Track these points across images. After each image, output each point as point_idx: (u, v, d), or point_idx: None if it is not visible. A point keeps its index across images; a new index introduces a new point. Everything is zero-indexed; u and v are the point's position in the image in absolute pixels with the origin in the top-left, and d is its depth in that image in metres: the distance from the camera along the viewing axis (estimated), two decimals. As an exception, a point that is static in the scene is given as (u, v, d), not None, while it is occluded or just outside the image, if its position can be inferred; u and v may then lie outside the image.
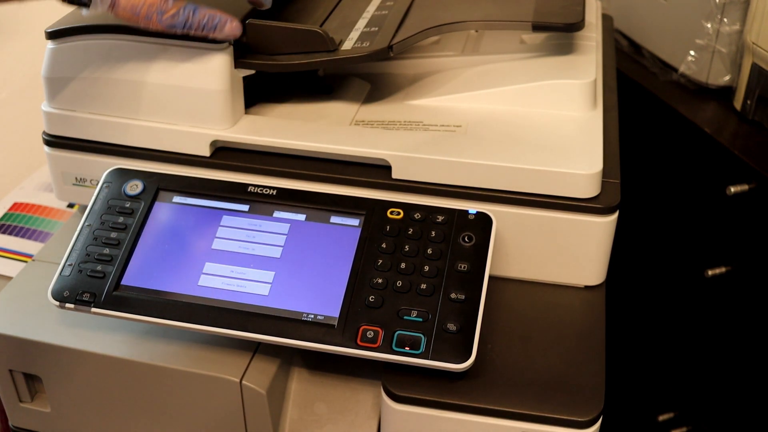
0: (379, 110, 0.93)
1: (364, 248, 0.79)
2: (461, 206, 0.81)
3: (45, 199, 1.16)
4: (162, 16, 0.75)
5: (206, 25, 0.78)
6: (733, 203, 1.10)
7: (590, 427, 0.73)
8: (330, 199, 0.82)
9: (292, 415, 0.83)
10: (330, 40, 0.86)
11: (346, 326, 0.74)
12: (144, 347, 0.82)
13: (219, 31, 0.79)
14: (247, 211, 0.82)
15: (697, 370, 1.27)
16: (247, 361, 0.80)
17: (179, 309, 0.77)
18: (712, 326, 1.21)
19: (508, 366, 0.77)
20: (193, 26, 0.77)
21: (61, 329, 0.83)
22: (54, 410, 0.88)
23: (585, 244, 0.82)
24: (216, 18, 0.79)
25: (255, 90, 0.93)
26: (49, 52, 0.87)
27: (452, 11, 0.91)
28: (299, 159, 0.86)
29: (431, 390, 0.74)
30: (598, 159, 0.81)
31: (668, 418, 1.34)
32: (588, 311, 0.84)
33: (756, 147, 1.09)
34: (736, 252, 1.13)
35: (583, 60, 0.93)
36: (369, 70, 1.00)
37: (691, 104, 1.20)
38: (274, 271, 0.79)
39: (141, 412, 0.85)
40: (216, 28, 0.78)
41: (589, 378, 0.76)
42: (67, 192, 0.95)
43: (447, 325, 0.74)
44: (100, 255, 0.80)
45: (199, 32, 0.77)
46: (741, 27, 1.13)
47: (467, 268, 0.77)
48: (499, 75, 0.93)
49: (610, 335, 0.84)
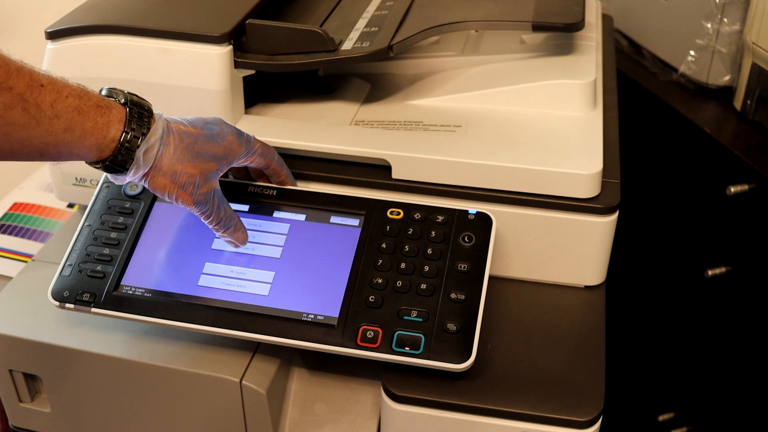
0: (379, 110, 0.93)
1: (364, 248, 0.79)
2: (461, 206, 0.81)
3: (45, 199, 1.16)
4: (197, 190, 0.73)
5: (223, 221, 0.77)
6: (733, 203, 1.09)
7: (590, 427, 0.73)
8: (330, 199, 0.82)
9: (292, 415, 0.83)
10: (330, 40, 0.86)
11: (346, 326, 0.74)
12: (144, 347, 0.82)
13: (231, 233, 0.78)
14: (247, 211, 0.82)
15: (697, 370, 1.27)
16: (247, 361, 0.80)
17: (179, 309, 0.77)
18: (712, 326, 1.21)
19: (508, 366, 0.77)
20: (213, 215, 0.76)
21: (61, 329, 0.83)
22: (54, 410, 0.88)
23: (585, 244, 0.82)
24: (233, 220, 0.78)
25: (255, 90, 0.93)
26: (49, 52, 0.87)
27: (452, 11, 0.91)
28: (299, 159, 0.86)
29: (431, 390, 0.74)
30: (598, 159, 0.81)
31: (668, 418, 1.34)
32: (588, 311, 0.84)
33: (756, 147, 1.09)
34: (736, 252, 1.13)
35: (583, 60, 0.93)
36: (369, 70, 1.00)
37: (691, 104, 1.20)
38: (274, 271, 0.79)
39: (141, 412, 0.85)
40: (230, 229, 0.78)
41: (589, 378, 0.76)
42: (67, 192, 0.95)
43: (447, 325, 0.74)
44: (100, 255, 0.80)
45: (214, 223, 0.76)
46: (741, 27, 1.13)
47: (467, 268, 0.77)
48: (499, 75, 0.93)
49: (610, 335, 0.84)
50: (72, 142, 0.67)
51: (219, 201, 0.76)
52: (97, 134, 0.68)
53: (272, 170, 0.82)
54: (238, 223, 0.79)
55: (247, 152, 0.78)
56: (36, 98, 0.63)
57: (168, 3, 0.90)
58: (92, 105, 0.68)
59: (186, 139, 0.73)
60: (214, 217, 0.76)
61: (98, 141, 0.68)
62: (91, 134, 0.67)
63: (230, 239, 0.79)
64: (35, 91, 0.64)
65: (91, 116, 0.67)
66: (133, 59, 0.85)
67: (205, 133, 0.75)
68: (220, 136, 0.76)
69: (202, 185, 0.74)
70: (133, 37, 0.84)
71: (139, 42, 0.84)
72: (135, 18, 0.86)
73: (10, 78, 0.62)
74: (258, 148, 0.79)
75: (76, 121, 0.66)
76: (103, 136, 0.68)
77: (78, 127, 0.66)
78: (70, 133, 0.66)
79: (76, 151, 0.68)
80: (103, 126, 0.68)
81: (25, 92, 0.63)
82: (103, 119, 0.68)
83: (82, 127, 0.67)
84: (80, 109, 0.67)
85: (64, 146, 0.67)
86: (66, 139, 0.66)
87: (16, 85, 0.62)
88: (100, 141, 0.68)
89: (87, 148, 0.68)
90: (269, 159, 0.81)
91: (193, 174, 0.73)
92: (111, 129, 0.69)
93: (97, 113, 0.68)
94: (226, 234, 0.78)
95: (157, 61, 0.84)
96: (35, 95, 0.63)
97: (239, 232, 0.79)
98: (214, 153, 0.75)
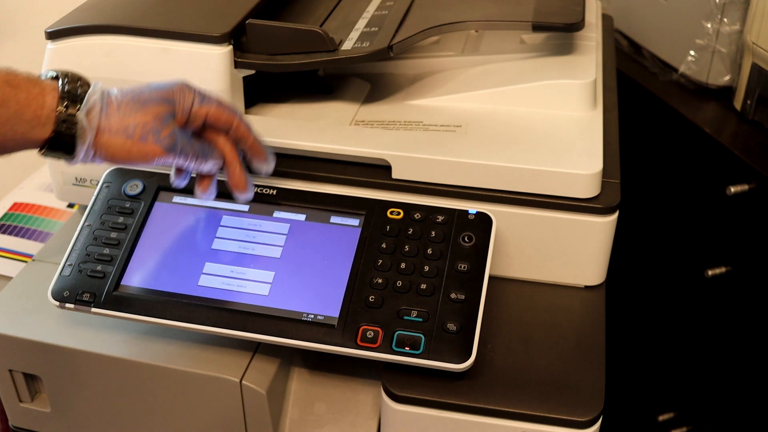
0: (379, 110, 0.93)
1: (364, 248, 0.78)
2: (461, 206, 0.81)
3: (45, 199, 1.16)
4: (158, 135, 0.70)
5: (203, 154, 0.73)
6: (733, 203, 1.09)
7: (590, 427, 0.73)
8: (330, 199, 0.82)
9: (292, 415, 0.83)
10: (330, 40, 0.86)
11: (346, 326, 0.74)
12: (144, 347, 0.82)
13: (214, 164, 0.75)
14: (247, 211, 0.82)
15: (697, 370, 1.27)
16: (247, 361, 0.80)
17: (179, 309, 0.77)
18: (712, 326, 1.21)
19: (508, 366, 0.77)
20: (190, 153, 0.72)
21: (61, 329, 0.83)
22: (54, 410, 0.88)
23: (585, 244, 0.82)
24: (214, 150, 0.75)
25: (255, 90, 0.93)
26: (49, 52, 0.87)
27: (452, 11, 0.91)
28: (299, 159, 0.86)
29: (431, 390, 0.74)
30: (598, 159, 0.81)
31: (668, 418, 1.34)
32: (588, 311, 0.84)
33: (756, 147, 1.09)
34: (736, 252, 1.13)
35: (583, 60, 0.93)
36: (369, 70, 1.00)
37: (691, 104, 1.20)
38: (274, 271, 0.78)
39: (141, 412, 0.85)
40: (211, 160, 0.74)
41: (589, 378, 0.76)
42: (67, 192, 0.95)
43: (447, 325, 0.74)
44: (100, 255, 0.80)
45: (194, 160, 0.73)
46: (741, 27, 1.13)
47: (467, 268, 0.77)
48: (499, 75, 0.93)
49: (610, 335, 0.84)
50: (10, 117, 0.65)
51: (187, 137, 0.72)
52: (34, 104, 0.66)
53: (239, 131, 0.76)
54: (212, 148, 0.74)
55: (202, 99, 0.73)
56: None
57: (168, 3, 0.90)
58: (23, 79, 0.67)
59: (129, 94, 0.71)
60: (192, 155, 0.72)
61: (36, 112, 0.67)
62: (26, 106, 0.66)
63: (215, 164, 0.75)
64: None
65: (23, 88, 0.66)
66: (133, 59, 0.85)
67: (149, 85, 0.72)
68: (166, 84, 0.73)
69: (161, 129, 0.70)
70: (133, 37, 0.84)
71: (139, 42, 0.84)
72: (135, 18, 0.86)
73: None
74: (215, 98, 0.75)
75: (9, 94, 0.65)
76: (40, 105, 0.67)
77: (12, 100, 0.65)
78: (5, 107, 0.65)
79: (18, 128, 0.66)
80: (37, 95, 0.67)
81: None
82: (36, 89, 0.67)
83: (16, 100, 0.66)
84: (10, 82, 0.66)
85: (4, 124, 0.65)
86: (3, 115, 0.65)
87: None
88: (38, 111, 0.67)
89: (27, 122, 0.66)
90: (230, 113, 0.75)
91: (146, 121, 0.69)
92: (46, 97, 0.67)
93: (29, 84, 0.67)
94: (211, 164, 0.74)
95: (157, 61, 0.84)
96: None
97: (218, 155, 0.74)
98: (164, 97, 0.71)
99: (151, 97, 0.71)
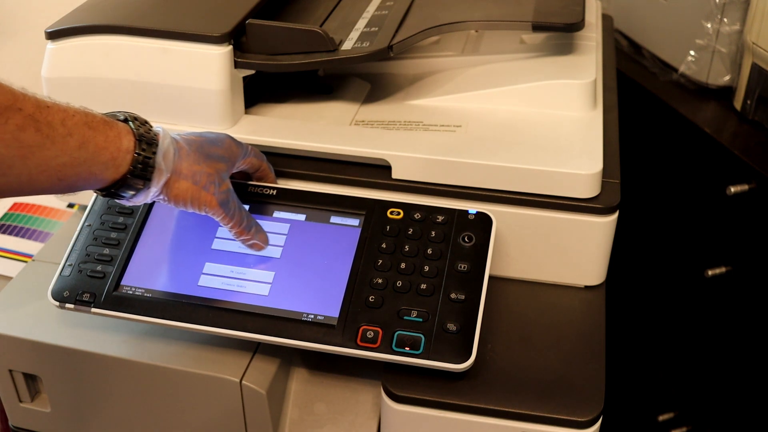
0: (379, 110, 0.93)
1: (364, 248, 0.78)
2: (461, 206, 0.81)
3: (45, 199, 1.16)
4: (218, 188, 0.74)
5: (246, 222, 0.77)
6: (733, 203, 1.09)
7: (590, 427, 0.73)
8: (330, 199, 0.82)
9: (292, 415, 0.83)
10: (330, 40, 0.86)
11: (346, 326, 0.74)
12: (144, 347, 0.82)
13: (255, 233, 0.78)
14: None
15: (697, 370, 1.27)
16: (247, 361, 0.80)
17: (179, 309, 0.77)
18: (712, 326, 1.21)
19: (508, 366, 0.77)
20: (236, 215, 0.76)
21: (61, 329, 0.83)
22: (54, 410, 0.88)
23: (585, 244, 0.82)
24: (253, 220, 0.79)
25: (255, 90, 0.93)
26: (49, 52, 0.87)
27: (452, 11, 0.91)
28: (299, 159, 0.86)
29: (431, 390, 0.74)
30: (598, 159, 0.81)
31: (668, 418, 1.34)
32: (588, 311, 0.84)
33: (756, 147, 1.09)
34: (736, 252, 1.13)
35: (583, 60, 0.93)
36: (369, 70, 1.00)
37: (691, 104, 1.20)
38: (274, 271, 0.78)
39: (141, 412, 0.85)
40: (252, 229, 0.78)
41: (589, 378, 0.76)
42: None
43: (447, 325, 0.74)
44: (100, 255, 0.80)
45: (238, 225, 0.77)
46: (741, 27, 1.13)
47: (467, 268, 0.77)
48: (499, 75, 0.93)
49: (610, 335, 0.84)
50: (88, 159, 0.66)
51: (237, 201, 0.77)
52: (111, 147, 0.67)
53: (262, 172, 0.83)
54: (257, 223, 0.79)
55: (245, 154, 0.80)
56: (46, 117, 0.63)
57: (168, 3, 0.90)
58: (99, 121, 0.68)
59: (193, 144, 0.74)
60: (237, 217, 0.76)
61: (113, 154, 0.68)
62: (104, 148, 0.67)
63: (254, 241, 0.79)
64: (44, 111, 0.63)
65: (101, 130, 0.67)
66: (133, 59, 0.85)
67: (206, 138, 0.76)
68: (219, 139, 0.77)
69: (221, 184, 0.75)
70: (133, 37, 0.84)
71: (139, 42, 0.84)
72: (135, 18, 0.86)
73: (17, 100, 0.62)
74: (251, 150, 0.81)
75: (88, 136, 0.66)
76: (117, 148, 0.68)
77: (91, 142, 0.66)
78: (85, 149, 0.66)
79: (93, 170, 0.67)
80: (114, 138, 0.68)
81: (35, 113, 0.63)
82: (113, 132, 0.68)
83: (95, 142, 0.66)
84: (89, 124, 0.66)
85: (81, 165, 0.66)
86: (81, 157, 0.66)
87: (25, 107, 0.62)
88: (115, 154, 0.68)
89: (103, 164, 0.67)
90: (261, 160, 0.82)
91: (211, 173, 0.74)
92: (123, 140, 0.68)
93: (106, 127, 0.68)
94: (249, 235, 0.78)
95: (157, 61, 0.84)
96: (44, 115, 0.63)
97: (261, 233, 0.79)
98: (220, 154, 0.76)
99: (212, 153, 0.75)
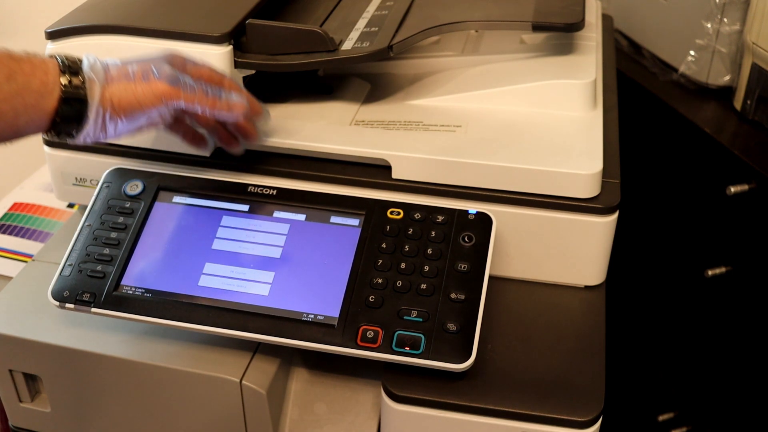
0: (379, 110, 0.93)
1: (364, 248, 0.78)
2: (461, 206, 0.81)
3: (45, 199, 1.16)
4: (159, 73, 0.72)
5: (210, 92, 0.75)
6: (733, 203, 1.09)
7: (590, 427, 0.73)
8: (330, 199, 0.82)
9: (292, 415, 0.83)
10: (330, 40, 0.86)
11: (346, 326, 0.74)
12: (144, 347, 0.82)
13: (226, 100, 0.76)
14: (247, 211, 0.82)
15: (697, 370, 1.27)
16: (247, 361, 0.80)
17: (179, 309, 0.77)
18: (712, 326, 1.21)
19: (508, 366, 0.77)
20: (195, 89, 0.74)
21: (61, 329, 0.83)
22: (54, 410, 0.88)
23: (585, 244, 0.82)
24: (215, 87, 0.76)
25: (255, 90, 0.93)
26: (49, 52, 0.87)
27: (452, 11, 0.91)
28: (299, 159, 0.86)
29: (431, 390, 0.74)
30: (598, 159, 0.81)
31: (668, 418, 1.34)
32: (588, 311, 0.84)
33: (756, 147, 1.09)
34: (736, 252, 1.13)
35: (583, 60, 0.93)
36: (369, 70, 1.00)
37: (691, 104, 1.20)
38: (274, 271, 0.78)
39: (141, 412, 0.85)
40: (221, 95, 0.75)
41: (589, 378, 0.76)
42: (67, 192, 0.95)
43: (447, 325, 0.74)
44: (100, 255, 0.80)
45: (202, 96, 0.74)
46: (741, 27, 1.13)
47: (467, 268, 0.77)
48: (499, 75, 0.93)
49: (610, 335, 0.84)
50: (19, 90, 0.67)
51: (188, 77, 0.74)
52: (38, 72, 0.68)
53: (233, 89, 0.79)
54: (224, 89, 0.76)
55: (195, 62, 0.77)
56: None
57: (168, 3, 0.90)
58: (22, 53, 0.69)
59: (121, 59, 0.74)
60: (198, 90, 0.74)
61: (42, 79, 0.68)
62: (32, 74, 0.68)
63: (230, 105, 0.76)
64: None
65: (26, 60, 0.68)
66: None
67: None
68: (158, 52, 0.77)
69: (160, 68, 0.73)
70: (133, 37, 0.84)
71: (139, 42, 0.84)
72: (135, 18, 0.86)
73: None
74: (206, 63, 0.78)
75: (14, 67, 0.67)
76: (44, 71, 0.68)
77: (18, 72, 0.67)
78: (14, 80, 0.66)
79: (27, 99, 0.67)
80: (40, 64, 0.68)
81: None
82: (38, 59, 0.69)
83: (21, 71, 0.67)
84: (13, 57, 0.67)
85: (14, 97, 0.66)
86: (12, 89, 0.66)
87: None
88: (44, 78, 0.68)
89: (36, 92, 0.68)
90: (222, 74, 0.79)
91: (143, 65, 0.72)
92: (48, 65, 0.69)
93: (30, 56, 0.69)
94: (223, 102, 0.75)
95: (157, 61, 0.84)
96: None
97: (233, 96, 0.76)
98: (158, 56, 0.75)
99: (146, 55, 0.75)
